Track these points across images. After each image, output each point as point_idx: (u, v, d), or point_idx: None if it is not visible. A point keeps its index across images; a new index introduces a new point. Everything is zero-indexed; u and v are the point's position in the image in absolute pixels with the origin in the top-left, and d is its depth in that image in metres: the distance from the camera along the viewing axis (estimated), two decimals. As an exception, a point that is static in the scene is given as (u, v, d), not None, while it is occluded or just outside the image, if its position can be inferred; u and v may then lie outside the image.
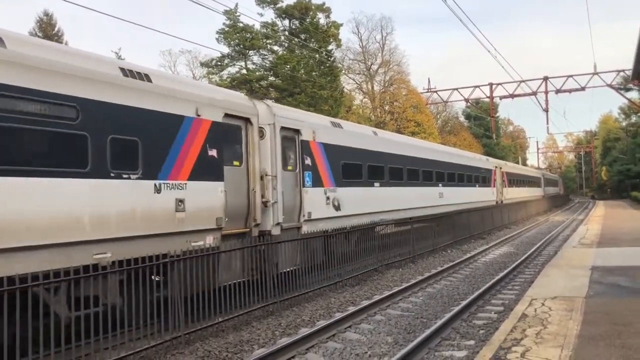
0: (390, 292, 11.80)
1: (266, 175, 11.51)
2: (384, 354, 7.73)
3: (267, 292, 10.56)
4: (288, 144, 12.73)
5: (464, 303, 10.43)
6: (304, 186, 13.00)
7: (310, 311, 10.62)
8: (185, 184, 9.27)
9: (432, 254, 19.06)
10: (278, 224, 11.88)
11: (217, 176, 10.03)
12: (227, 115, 10.47)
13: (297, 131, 13.03)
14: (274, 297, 10.64)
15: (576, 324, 6.98)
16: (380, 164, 17.54)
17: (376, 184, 17.06)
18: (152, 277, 8.31)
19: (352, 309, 10.37)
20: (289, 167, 12.71)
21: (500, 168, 36.78)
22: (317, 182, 13.57)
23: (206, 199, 9.62)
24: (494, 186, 34.12)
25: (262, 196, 11.35)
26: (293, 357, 7.75)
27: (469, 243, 23.14)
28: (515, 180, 42.16)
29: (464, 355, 7.51)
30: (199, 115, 9.63)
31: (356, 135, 16.66)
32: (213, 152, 9.92)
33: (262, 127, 11.75)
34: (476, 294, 11.34)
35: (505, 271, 14.43)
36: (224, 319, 9.22)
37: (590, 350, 5.87)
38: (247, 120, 11.16)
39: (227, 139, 10.55)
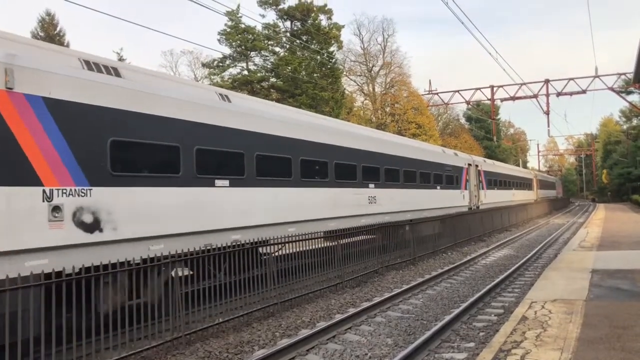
0: (391, 294, 11.81)
1: None
2: (384, 356, 7.75)
3: (268, 293, 10.59)
4: None
5: (464, 305, 10.43)
6: None
7: (310, 312, 10.64)
8: None
9: (433, 256, 19.07)
10: None
11: None
12: None
13: None
14: (274, 298, 10.67)
15: (576, 327, 6.99)
16: (234, 150, 11.20)
17: (220, 183, 10.68)
18: None
19: (352, 310, 10.39)
20: None
21: (477, 166, 30.85)
22: (12, 175, 7.14)
23: None
24: (465, 188, 28.02)
25: None
26: (293, 358, 7.77)
27: (469, 245, 23.15)
28: (497, 182, 36.39)
29: (463, 358, 7.52)
30: None
31: (160, 93, 9.57)
32: None
33: None
34: (476, 296, 11.35)
35: (506, 274, 14.43)
36: (225, 320, 9.26)
37: (590, 353, 5.89)
38: None
39: None
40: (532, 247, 22.13)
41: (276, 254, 11.31)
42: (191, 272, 9.12)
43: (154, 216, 9.07)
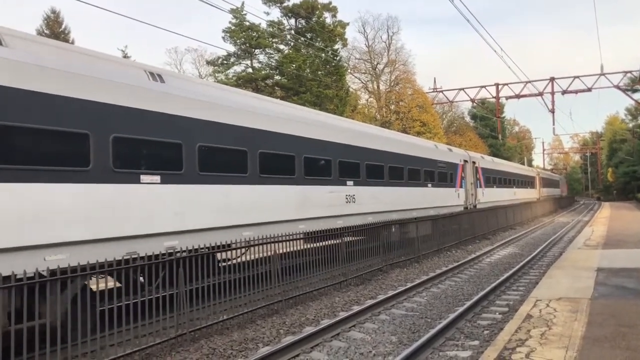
0: (395, 292, 11.80)
1: None
2: (389, 353, 7.75)
3: (272, 291, 10.60)
4: None
5: (468, 303, 10.41)
6: None
7: (314, 310, 10.65)
8: None
9: (437, 254, 19.06)
10: None
11: None
12: None
13: None
14: (278, 295, 10.67)
15: (581, 325, 6.97)
16: (168, 140, 9.49)
17: (148, 179, 8.99)
18: None
19: (356, 308, 10.39)
20: None
21: (474, 163, 29.31)
22: None
23: None
24: (461, 186, 26.47)
25: None
26: (297, 355, 7.77)
27: (474, 243, 23.12)
28: (497, 179, 34.88)
29: (468, 356, 7.51)
30: None
31: (58, 67, 7.82)
32: None
33: None
34: (481, 294, 11.33)
35: (510, 272, 14.40)
36: (229, 317, 9.27)
37: (595, 351, 5.87)
38: None
39: None
40: (537, 245, 22.07)
41: (239, 259, 10.04)
42: (118, 285, 7.81)
43: (50, 220, 7.35)
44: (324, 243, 12.76)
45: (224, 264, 9.82)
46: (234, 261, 10.01)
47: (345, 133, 15.84)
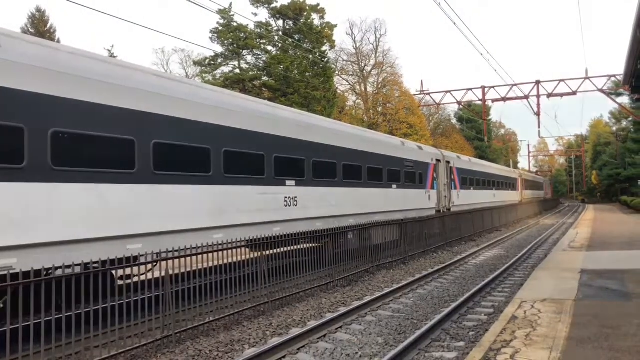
0: (381, 293, 11.82)
1: None
2: (375, 355, 7.76)
3: (258, 292, 10.57)
4: None
5: (454, 305, 10.46)
6: None
7: (301, 311, 10.64)
8: None
9: (424, 256, 19.13)
10: None
11: None
12: None
13: None
14: (265, 296, 10.65)
15: (565, 327, 7.04)
16: None
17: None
18: None
19: (343, 309, 10.40)
20: None
21: (448, 162, 27.35)
22: None
23: None
24: (432, 187, 24.43)
25: None
26: (284, 357, 7.76)
27: (460, 245, 23.26)
28: (474, 181, 32.97)
29: (454, 357, 7.55)
30: None
31: None
32: None
33: None
34: (466, 295, 11.39)
35: (496, 273, 14.50)
36: (215, 319, 9.23)
37: (578, 352, 5.93)
38: None
39: None
40: (522, 247, 22.26)
41: (145, 276, 8.57)
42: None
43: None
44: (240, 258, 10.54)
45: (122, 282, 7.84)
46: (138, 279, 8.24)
47: (284, 124, 13.62)
